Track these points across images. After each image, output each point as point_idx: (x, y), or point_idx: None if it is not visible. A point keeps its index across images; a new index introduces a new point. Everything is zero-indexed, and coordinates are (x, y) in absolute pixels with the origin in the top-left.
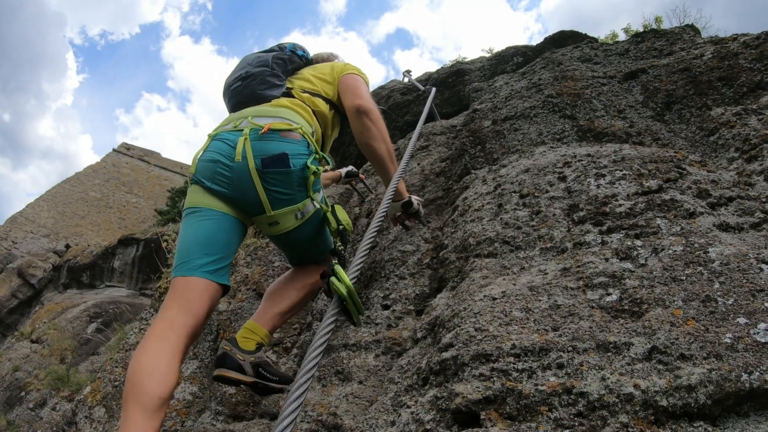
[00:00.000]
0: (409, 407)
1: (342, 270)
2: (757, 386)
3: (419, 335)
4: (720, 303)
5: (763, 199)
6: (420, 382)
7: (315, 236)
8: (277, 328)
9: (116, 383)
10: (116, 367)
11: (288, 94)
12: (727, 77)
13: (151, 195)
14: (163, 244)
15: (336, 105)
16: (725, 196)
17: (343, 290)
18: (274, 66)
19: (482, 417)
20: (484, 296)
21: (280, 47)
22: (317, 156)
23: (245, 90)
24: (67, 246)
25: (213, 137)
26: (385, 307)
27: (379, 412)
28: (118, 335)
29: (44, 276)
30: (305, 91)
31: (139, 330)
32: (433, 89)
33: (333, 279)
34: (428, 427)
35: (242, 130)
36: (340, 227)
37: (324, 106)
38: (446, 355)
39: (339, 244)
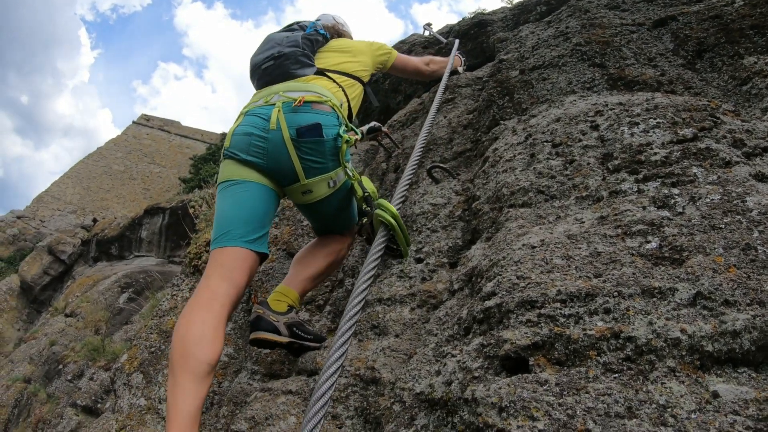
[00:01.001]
0: (453, 356)
1: (386, 201)
2: None
3: (456, 287)
4: (760, 251)
5: None
6: (462, 332)
7: (344, 207)
8: (308, 292)
9: (152, 349)
10: (151, 333)
11: (318, 72)
12: (760, 25)
13: (174, 164)
14: (190, 210)
15: (361, 79)
16: (760, 146)
17: (390, 218)
18: (304, 46)
19: (531, 363)
20: (523, 245)
21: (301, 26)
22: (347, 127)
23: (278, 69)
24: (95, 220)
25: (245, 113)
26: (419, 261)
27: (421, 363)
28: (150, 303)
29: (74, 251)
30: (333, 70)
31: (171, 296)
32: (457, 41)
33: (378, 211)
34: (476, 374)
35: (275, 104)
36: (366, 194)
37: (350, 82)
38: (489, 303)
39: (365, 206)
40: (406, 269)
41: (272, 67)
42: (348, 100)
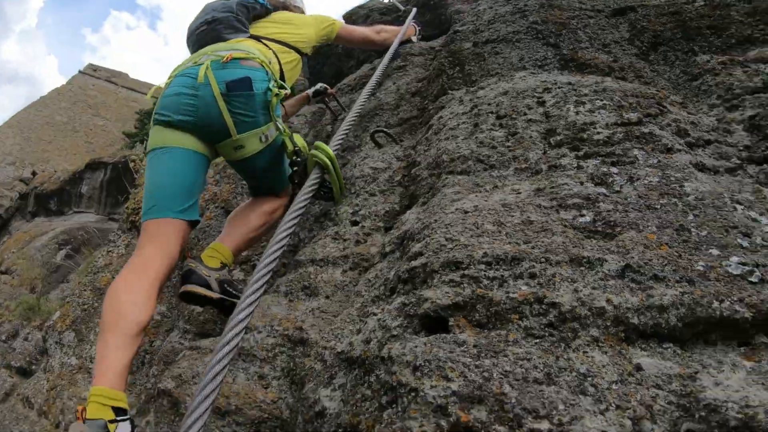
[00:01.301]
0: (375, 315)
1: (322, 143)
2: (727, 315)
3: (387, 249)
4: (693, 233)
5: (741, 147)
6: (387, 293)
7: (276, 163)
8: (242, 251)
9: (85, 306)
10: (84, 290)
11: (252, 37)
12: (717, 26)
13: (119, 117)
14: (131, 165)
15: (299, 50)
16: (703, 138)
17: (325, 157)
18: (238, 12)
19: (451, 323)
20: (456, 209)
21: None
22: (277, 83)
23: (210, 33)
24: (34, 173)
25: (174, 76)
26: (354, 224)
27: (345, 323)
28: (87, 260)
29: (11, 205)
30: (269, 38)
31: (106, 252)
32: (414, 9)
33: (314, 151)
34: (395, 332)
35: (203, 63)
36: (296, 148)
37: (285, 50)
38: (415, 263)
39: (296, 158)
40: (341, 231)
41: (205, 31)
42: (280, 64)
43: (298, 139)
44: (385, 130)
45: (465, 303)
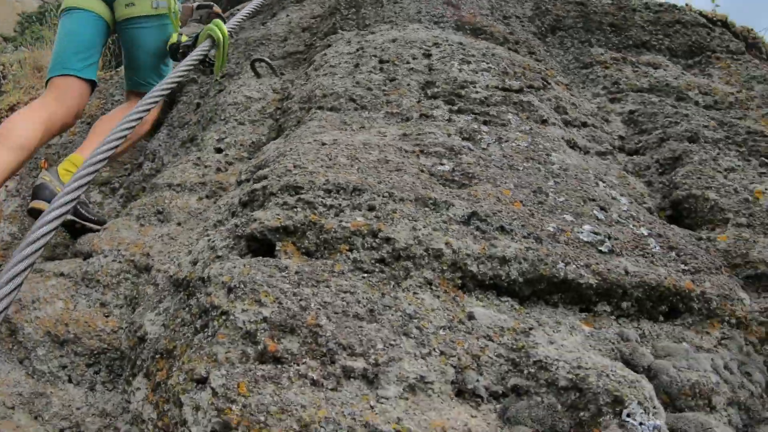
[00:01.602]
0: (208, 236)
1: (220, 22)
2: (572, 278)
3: (243, 177)
4: (551, 197)
5: (615, 136)
6: (229, 216)
7: (159, 49)
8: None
9: None
10: None
11: None
12: (619, 26)
13: None
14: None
15: None
16: (581, 120)
17: (219, 33)
18: None
19: (278, 248)
20: (314, 141)
21: None
22: None
23: None
24: None
25: None
26: (218, 151)
27: (183, 246)
28: None
29: None
30: None
31: None
32: None
33: (210, 25)
34: (220, 253)
35: None
36: (180, 42)
37: None
38: (257, 185)
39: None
40: (204, 157)
41: None
42: None
43: (184, 38)
44: (266, 59)
45: (296, 228)
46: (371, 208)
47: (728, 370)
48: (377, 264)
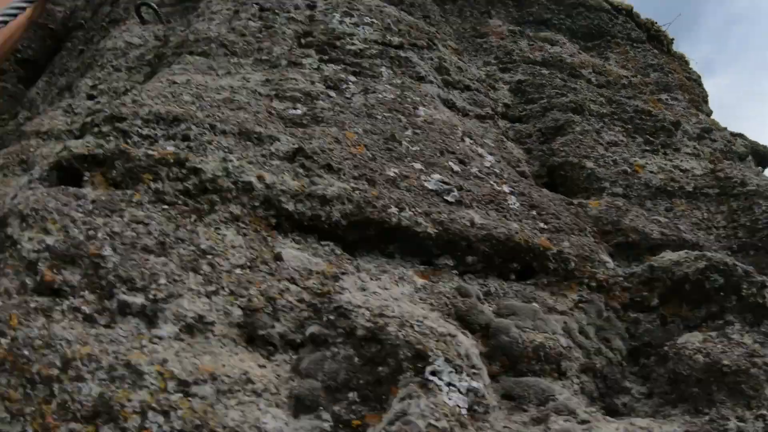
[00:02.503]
0: (31, 173)
1: None
2: (406, 225)
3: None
4: (404, 146)
5: (500, 103)
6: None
7: None
8: None
9: None
10: None
11: None
12: (521, 1)
13: None
14: None
15: None
16: (464, 83)
17: None
18: None
19: (86, 178)
20: (167, 80)
21: None
22: None
23: None
24: None
25: None
26: (90, 98)
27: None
28: None
29: None
30: None
31: None
32: None
33: None
34: (33, 185)
35: None
36: None
37: None
38: (87, 119)
39: None
40: (75, 104)
41: None
42: None
43: None
44: (152, 4)
45: (105, 157)
46: (185, 138)
47: (583, 334)
48: (180, 196)
